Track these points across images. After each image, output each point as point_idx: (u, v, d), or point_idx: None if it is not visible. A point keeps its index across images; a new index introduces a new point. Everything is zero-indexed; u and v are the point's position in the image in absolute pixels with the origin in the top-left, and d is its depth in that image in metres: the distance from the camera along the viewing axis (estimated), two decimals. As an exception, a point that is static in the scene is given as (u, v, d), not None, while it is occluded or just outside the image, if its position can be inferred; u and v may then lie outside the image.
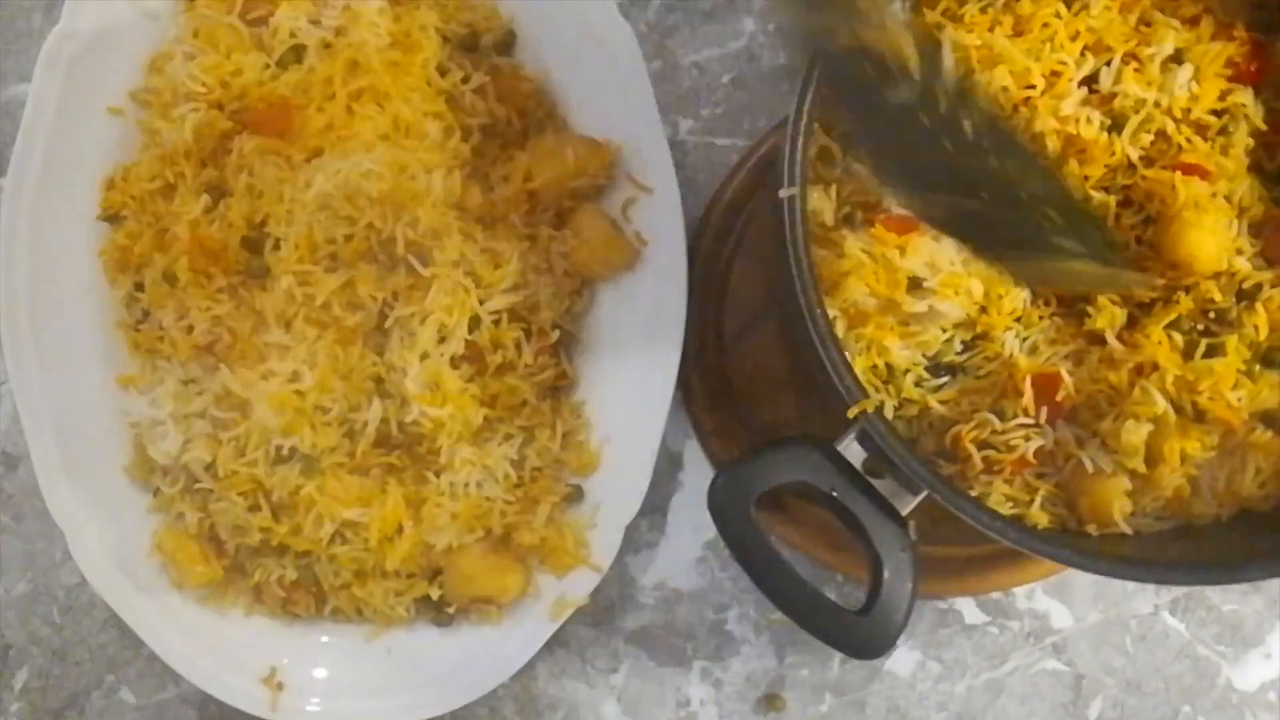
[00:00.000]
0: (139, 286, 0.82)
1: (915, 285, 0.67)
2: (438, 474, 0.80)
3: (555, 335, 0.82)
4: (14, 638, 0.89)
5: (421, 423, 0.78)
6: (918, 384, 0.69)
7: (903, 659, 0.86)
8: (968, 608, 0.86)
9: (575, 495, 0.83)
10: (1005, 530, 0.62)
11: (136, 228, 0.82)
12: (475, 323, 0.79)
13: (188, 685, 0.84)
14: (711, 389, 0.86)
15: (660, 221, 0.82)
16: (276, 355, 0.78)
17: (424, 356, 0.77)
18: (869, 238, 0.67)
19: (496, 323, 0.79)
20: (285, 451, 0.79)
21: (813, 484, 0.63)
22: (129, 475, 0.83)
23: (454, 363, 0.78)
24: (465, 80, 0.82)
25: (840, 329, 0.68)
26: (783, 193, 0.61)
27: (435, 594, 0.82)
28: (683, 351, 0.81)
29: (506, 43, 0.84)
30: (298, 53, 0.81)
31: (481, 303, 0.79)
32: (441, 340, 0.78)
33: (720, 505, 0.64)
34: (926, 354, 0.69)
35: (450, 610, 0.82)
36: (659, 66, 0.88)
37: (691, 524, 0.87)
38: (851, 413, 0.62)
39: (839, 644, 0.65)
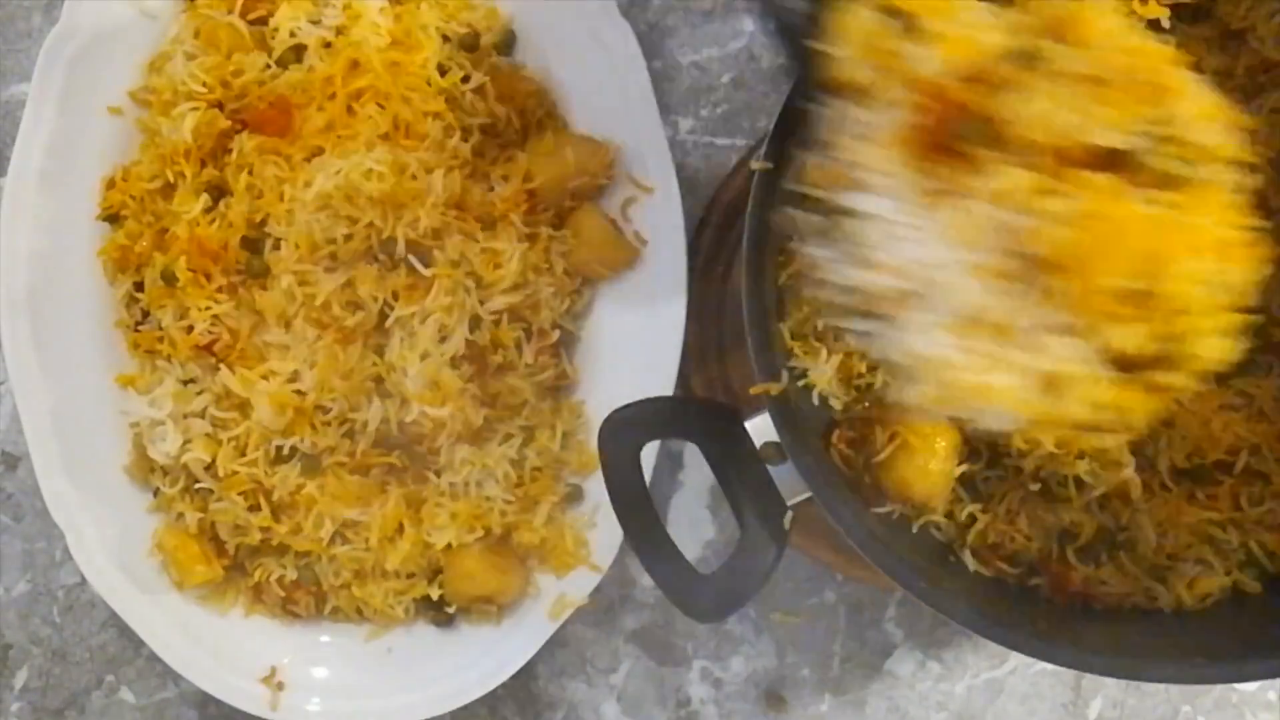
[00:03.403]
0: (139, 286, 0.83)
1: None
2: (438, 474, 0.80)
3: (555, 335, 0.82)
4: (14, 638, 0.89)
5: (421, 423, 0.78)
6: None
7: (903, 659, 0.86)
8: (968, 608, 0.86)
9: (575, 495, 0.83)
10: (869, 547, 0.61)
11: (136, 228, 0.82)
12: (475, 323, 0.79)
13: (188, 685, 0.84)
14: (712, 390, 0.86)
15: (660, 221, 0.82)
16: (276, 355, 0.78)
17: (424, 356, 0.77)
18: None
19: (497, 323, 0.79)
20: (285, 451, 0.79)
21: (702, 449, 0.64)
22: (129, 475, 0.83)
23: (454, 362, 0.78)
24: (465, 80, 0.82)
25: (812, 328, 0.68)
26: (754, 164, 0.61)
27: (435, 594, 0.82)
28: (683, 352, 0.81)
29: (506, 43, 0.84)
30: (298, 52, 0.81)
31: (482, 303, 0.79)
32: (442, 340, 0.78)
33: (607, 444, 0.65)
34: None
35: (450, 610, 0.82)
36: (659, 66, 0.88)
37: (691, 524, 0.87)
38: (753, 390, 0.61)
39: (671, 594, 0.64)
